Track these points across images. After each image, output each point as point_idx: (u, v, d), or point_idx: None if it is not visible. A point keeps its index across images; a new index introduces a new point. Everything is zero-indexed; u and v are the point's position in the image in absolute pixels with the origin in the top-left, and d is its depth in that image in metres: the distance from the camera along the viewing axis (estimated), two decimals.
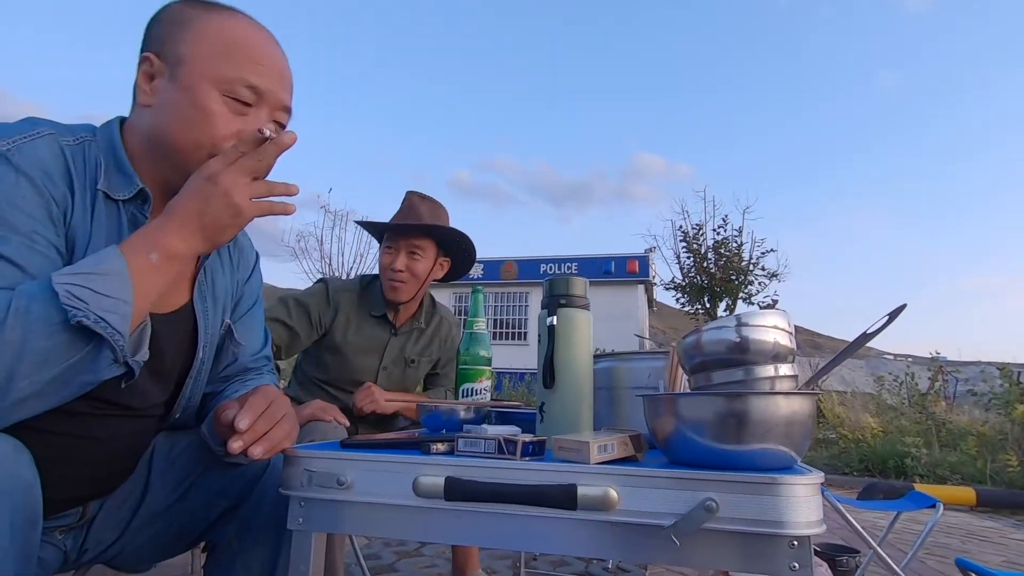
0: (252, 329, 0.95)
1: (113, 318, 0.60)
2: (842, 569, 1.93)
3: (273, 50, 0.78)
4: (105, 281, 0.60)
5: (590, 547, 0.65)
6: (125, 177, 0.73)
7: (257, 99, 0.75)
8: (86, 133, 0.73)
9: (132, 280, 0.62)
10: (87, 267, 0.61)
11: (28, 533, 0.60)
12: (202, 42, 0.73)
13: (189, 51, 0.72)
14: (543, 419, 0.90)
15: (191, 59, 0.72)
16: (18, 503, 0.59)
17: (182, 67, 0.72)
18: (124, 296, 0.61)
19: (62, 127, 0.72)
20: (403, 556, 2.33)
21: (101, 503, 0.83)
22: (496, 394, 2.44)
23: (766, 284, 10.77)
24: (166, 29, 0.74)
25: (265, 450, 0.71)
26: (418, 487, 0.68)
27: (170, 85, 0.72)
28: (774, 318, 0.74)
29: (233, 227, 0.68)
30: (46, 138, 0.68)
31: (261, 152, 0.68)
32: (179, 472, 0.88)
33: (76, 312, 0.57)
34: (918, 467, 4.69)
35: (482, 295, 1.24)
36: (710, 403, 0.66)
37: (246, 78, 0.73)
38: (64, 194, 0.67)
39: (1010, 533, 3.34)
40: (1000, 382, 5.33)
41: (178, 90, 0.72)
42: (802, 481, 0.59)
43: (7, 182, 0.63)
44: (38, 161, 0.66)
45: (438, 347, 1.73)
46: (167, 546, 0.91)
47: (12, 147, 0.65)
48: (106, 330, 0.59)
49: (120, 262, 0.62)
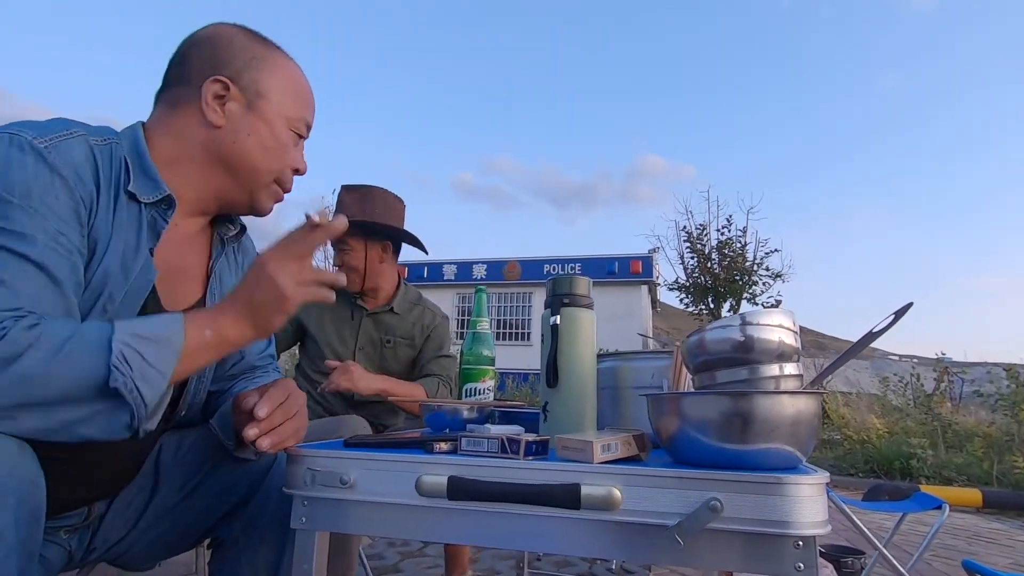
0: None
1: (147, 390, 0.62)
2: (847, 570, 1.92)
3: (313, 94, 0.90)
4: (157, 350, 0.63)
5: (593, 547, 0.64)
6: (151, 181, 0.75)
7: (307, 133, 0.88)
8: (110, 135, 0.75)
9: (182, 355, 0.65)
10: (148, 330, 0.64)
11: (31, 529, 0.61)
12: (279, 83, 0.83)
13: (269, 89, 0.81)
14: (546, 418, 0.89)
15: (271, 96, 0.81)
16: (23, 497, 0.59)
17: (263, 101, 0.81)
18: (167, 370, 0.64)
19: (90, 128, 0.73)
20: (407, 556, 2.33)
21: (109, 503, 0.84)
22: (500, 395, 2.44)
23: (770, 284, 10.73)
24: (240, 59, 0.80)
25: (272, 443, 0.72)
26: (421, 486, 0.68)
27: (249, 114, 0.80)
28: (779, 317, 0.74)
29: (280, 312, 0.70)
30: (78, 138, 0.69)
31: (310, 238, 0.71)
32: (187, 469, 0.89)
33: (118, 376, 0.60)
34: (924, 468, 4.66)
35: (485, 295, 1.24)
36: (714, 402, 0.66)
37: (306, 118, 0.86)
38: (91, 194, 0.69)
39: (1017, 535, 3.32)
40: (1007, 383, 5.30)
41: (259, 121, 0.81)
42: (807, 481, 0.58)
43: (43, 180, 0.64)
44: (71, 161, 0.67)
45: (420, 333, 1.74)
46: (174, 543, 0.92)
47: (49, 145, 0.66)
48: (135, 400, 0.61)
49: (179, 335, 0.65)
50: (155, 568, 0.97)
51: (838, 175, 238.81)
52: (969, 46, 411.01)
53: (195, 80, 0.78)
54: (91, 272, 0.69)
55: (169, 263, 0.79)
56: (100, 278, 0.70)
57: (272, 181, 0.84)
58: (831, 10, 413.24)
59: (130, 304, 0.73)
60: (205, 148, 0.79)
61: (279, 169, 0.83)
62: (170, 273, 0.80)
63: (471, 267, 18.40)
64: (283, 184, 0.86)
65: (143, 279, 0.74)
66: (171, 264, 0.80)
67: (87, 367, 0.59)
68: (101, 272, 0.70)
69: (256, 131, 0.80)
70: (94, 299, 0.70)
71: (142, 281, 0.74)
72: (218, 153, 0.79)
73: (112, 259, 0.71)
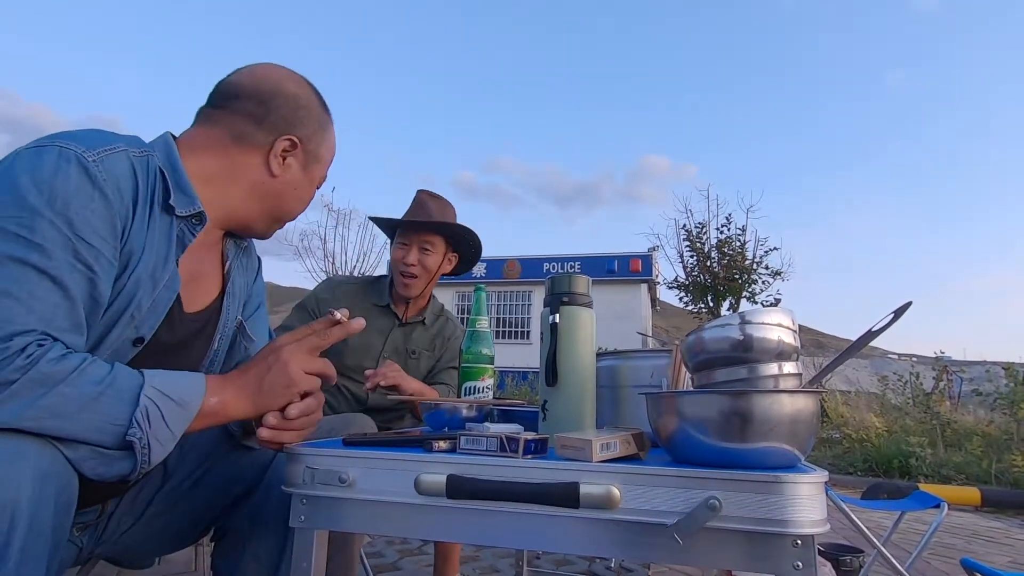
0: (260, 327, 0.99)
1: (157, 448, 0.65)
2: (846, 569, 1.92)
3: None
4: (175, 412, 0.66)
5: (592, 546, 0.64)
6: (186, 197, 0.78)
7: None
8: (145, 147, 0.77)
9: (194, 419, 0.68)
10: (173, 389, 0.67)
11: (64, 519, 0.63)
12: (328, 151, 0.93)
13: (321, 155, 0.91)
14: (546, 417, 0.89)
15: (321, 162, 0.92)
16: (61, 488, 0.61)
17: (316, 165, 0.91)
18: (178, 432, 0.67)
19: (128, 139, 0.75)
20: (406, 554, 2.33)
21: (120, 499, 0.86)
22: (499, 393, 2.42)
23: (770, 283, 10.72)
24: (310, 125, 0.88)
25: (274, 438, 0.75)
26: (420, 485, 0.68)
27: (303, 174, 0.89)
28: (778, 316, 0.74)
29: (285, 396, 0.74)
30: (121, 153, 0.71)
31: (328, 333, 0.77)
32: (195, 458, 0.91)
33: (136, 431, 0.63)
34: (923, 467, 4.67)
35: (484, 293, 1.24)
36: (714, 401, 0.66)
37: (325, 177, 0.95)
38: (128, 209, 0.71)
39: (1015, 533, 3.32)
40: (1005, 382, 5.31)
41: (307, 181, 0.90)
42: (806, 480, 0.58)
43: (84, 195, 0.66)
44: (114, 176, 0.69)
45: (441, 345, 1.74)
46: (179, 535, 0.93)
47: (97, 159, 0.68)
48: (143, 456, 0.64)
49: (198, 401, 0.69)
50: (155, 566, 0.97)
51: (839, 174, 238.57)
52: (972, 47, 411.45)
53: (269, 130, 0.84)
54: (123, 282, 0.71)
55: (190, 270, 0.82)
56: (132, 287, 0.72)
57: (287, 220, 0.93)
58: (834, 11, 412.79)
59: (156, 312, 0.76)
60: (255, 186, 0.85)
61: (296, 215, 0.93)
62: (191, 279, 0.82)
63: None
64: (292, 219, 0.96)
65: (170, 289, 0.77)
66: (191, 270, 0.82)
67: (113, 416, 0.62)
68: (133, 282, 0.72)
69: (304, 188, 0.90)
70: (124, 307, 0.72)
71: (168, 291, 0.77)
72: (265, 194, 0.86)
73: (143, 270, 0.73)
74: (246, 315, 0.97)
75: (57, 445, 0.61)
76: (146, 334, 0.75)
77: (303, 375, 0.74)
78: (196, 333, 0.85)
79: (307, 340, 0.76)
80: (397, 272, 1.61)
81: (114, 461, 0.64)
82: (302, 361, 0.75)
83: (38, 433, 0.59)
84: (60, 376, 0.60)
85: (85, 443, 0.62)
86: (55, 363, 0.60)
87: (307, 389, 0.75)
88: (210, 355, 0.88)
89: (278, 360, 0.74)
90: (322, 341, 0.76)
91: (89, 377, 0.62)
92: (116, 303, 0.71)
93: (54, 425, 0.59)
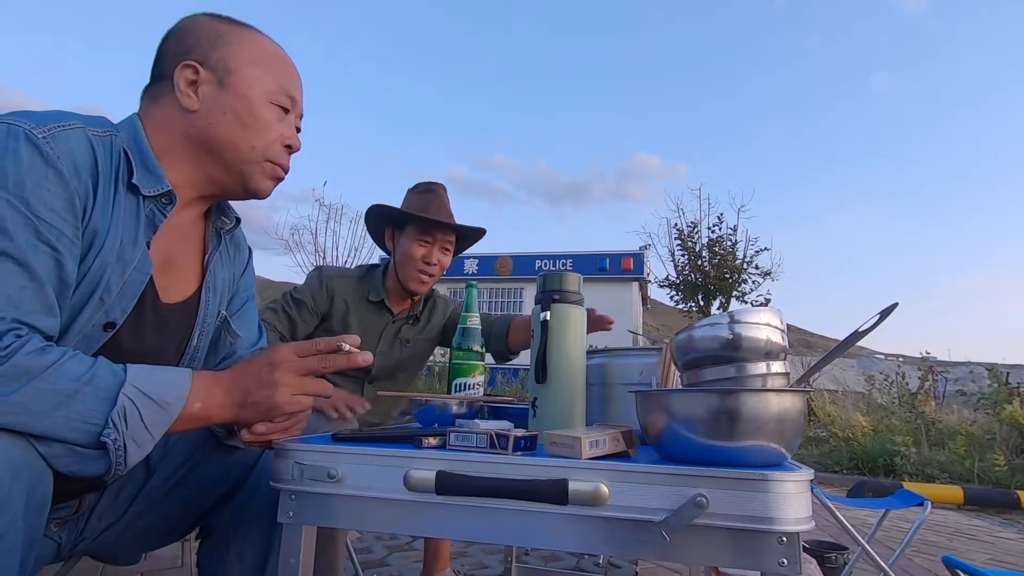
0: (248, 322, 0.97)
1: (134, 450, 0.63)
2: (831, 566, 1.95)
3: (295, 66, 0.88)
4: (156, 413, 0.64)
5: (580, 542, 0.65)
6: (152, 176, 0.75)
7: (292, 106, 0.85)
8: (109, 127, 0.75)
9: (174, 422, 0.66)
10: (157, 390, 0.65)
11: (38, 516, 0.61)
12: (249, 55, 0.81)
13: (238, 63, 0.80)
14: (536, 414, 0.90)
15: (241, 70, 0.80)
16: (34, 484, 0.60)
17: (233, 77, 0.79)
18: (158, 434, 0.65)
19: (88, 119, 0.73)
20: (395, 550, 2.33)
21: (100, 494, 0.84)
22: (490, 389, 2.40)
23: (760, 283, 10.80)
24: (206, 41, 0.79)
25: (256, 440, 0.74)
26: (409, 481, 0.68)
27: (221, 92, 0.79)
28: (767, 315, 0.74)
29: (265, 415, 0.73)
30: (76, 130, 0.69)
31: (330, 360, 0.73)
32: (177, 457, 0.89)
33: (111, 432, 0.61)
34: (907, 466, 4.73)
35: (476, 290, 1.24)
36: (702, 399, 0.66)
37: (286, 88, 0.84)
38: (87, 187, 0.69)
39: (997, 531, 3.38)
40: (988, 382, 5.39)
41: (232, 97, 0.79)
42: (792, 478, 0.59)
43: (37, 172, 0.64)
44: (68, 152, 0.67)
45: (439, 320, 1.74)
46: (163, 533, 0.92)
47: (47, 135, 0.65)
48: (118, 458, 0.63)
49: (181, 403, 0.66)
50: (141, 561, 0.96)
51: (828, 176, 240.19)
52: (959, 49, 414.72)
53: (169, 71, 0.78)
54: (88, 264, 0.69)
55: (165, 255, 0.79)
56: (97, 270, 0.70)
57: (262, 159, 0.82)
58: (824, 13, 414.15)
59: (127, 296, 0.74)
60: (186, 135, 0.78)
61: (264, 145, 0.81)
62: (167, 266, 0.80)
63: (462, 262, 18.36)
64: (275, 160, 0.83)
65: (141, 271, 0.74)
66: (167, 256, 0.80)
67: (88, 415, 0.60)
68: (99, 264, 0.70)
69: (231, 107, 0.78)
70: (92, 290, 0.70)
71: (139, 274, 0.74)
72: (199, 138, 0.78)
73: (109, 251, 0.71)
74: (232, 310, 0.94)
75: (30, 440, 0.59)
76: (117, 319, 0.73)
77: (291, 399, 0.72)
78: (174, 326, 0.83)
79: (306, 362, 0.72)
80: (414, 268, 1.58)
81: (88, 460, 0.62)
82: (295, 385, 0.72)
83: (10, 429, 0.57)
84: (36, 371, 0.58)
85: (59, 441, 0.60)
86: (33, 356, 0.58)
87: (292, 411, 0.73)
88: (189, 352, 0.86)
89: (270, 380, 0.71)
90: (322, 366, 0.73)
91: (67, 373, 0.60)
92: (83, 286, 0.69)
93: (26, 422, 0.58)
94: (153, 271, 0.76)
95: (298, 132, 0.88)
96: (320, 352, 0.73)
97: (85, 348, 0.70)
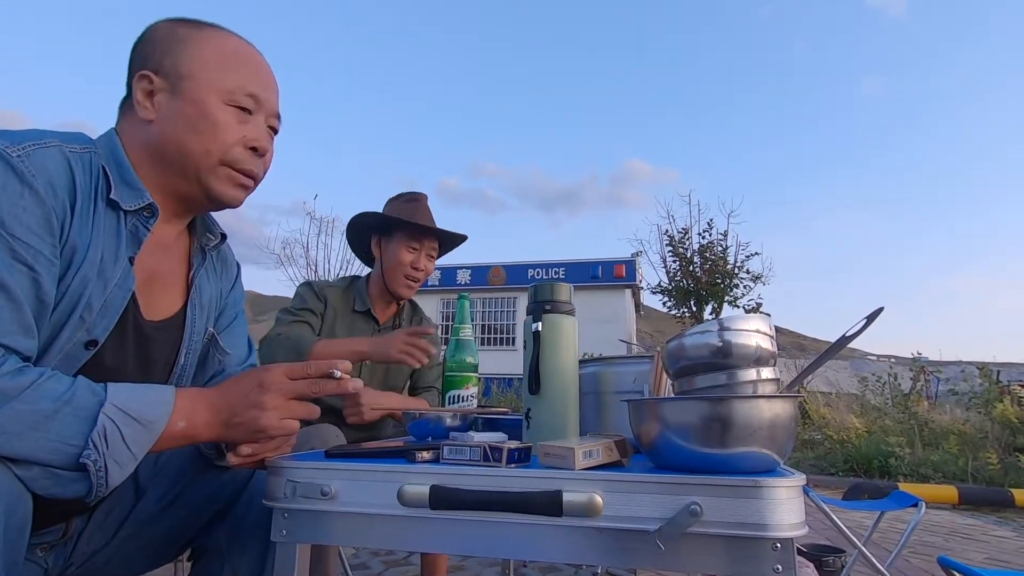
0: (237, 338, 0.96)
1: (115, 470, 0.62)
2: (828, 569, 1.95)
3: (263, 60, 0.84)
4: (138, 433, 0.63)
5: (576, 554, 0.65)
6: (132, 190, 0.74)
7: (256, 106, 0.80)
8: (87, 143, 0.74)
9: (156, 441, 0.65)
10: (137, 408, 0.63)
11: (16, 540, 0.60)
12: (202, 57, 0.77)
13: (190, 67, 0.76)
14: (529, 425, 0.90)
15: (193, 74, 0.76)
16: (10, 508, 0.59)
17: (185, 82, 0.76)
18: (140, 454, 0.64)
19: (65, 135, 0.72)
20: (391, 565, 2.31)
21: (88, 517, 0.82)
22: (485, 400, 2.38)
23: (751, 287, 10.86)
24: (161, 48, 0.77)
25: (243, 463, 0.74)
26: (403, 496, 0.68)
27: (174, 99, 0.76)
28: (756, 322, 0.75)
29: (251, 437, 0.72)
30: (53, 148, 0.68)
31: (319, 385, 0.72)
32: (168, 478, 0.87)
33: (91, 453, 0.60)
34: (902, 466, 4.75)
35: (468, 302, 1.24)
36: (693, 407, 0.66)
37: (246, 87, 0.79)
38: (65, 205, 0.68)
39: (991, 530, 3.39)
40: (980, 381, 5.44)
41: (184, 103, 0.76)
42: (784, 484, 0.59)
43: (11, 191, 0.63)
44: (44, 170, 0.66)
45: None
46: (155, 555, 0.90)
47: (22, 154, 0.65)
48: (99, 479, 0.61)
49: (164, 421, 0.65)
50: None
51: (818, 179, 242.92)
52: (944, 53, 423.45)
53: (128, 85, 0.77)
54: (67, 282, 0.68)
55: (149, 272, 0.78)
56: (77, 287, 0.69)
57: (217, 164, 0.77)
58: (812, 19, 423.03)
59: (109, 314, 0.72)
60: (146, 147, 0.77)
61: (218, 149, 0.77)
62: (150, 282, 0.79)
63: (455, 272, 18.36)
64: (236, 165, 0.79)
65: (122, 288, 0.73)
66: (150, 273, 0.79)
67: (66, 436, 0.59)
68: (78, 281, 0.69)
69: (183, 114, 0.75)
70: (72, 308, 0.69)
71: (121, 290, 0.73)
72: (155, 148, 0.76)
73: (90, 268, 0.70)
74: (221, 327, 0.93)
75: (7, 463, 0.58)
76: (99, 336, 0.72)
77: (278, 423, 0.70)
78: (159, 345, 0.81)
79: (296, 385, 0.71)
80: (400, 274, 1.59)
81: (68, 482, 0.61)
82: (282, 408, 0.70)
83: None
84: (13, 392, 0.57)
85: (36, 463, 0.59)
86: (9, 378, 0.57)
87: (277, 434, 0.72)
88: (176, 371, 0.85)
89: (258, 402, 0.69)
90: (311, 390, 0.71)
91: (45, 393, 0.59)
92: (63, 304, 0.68)
93: (2, 444, 0.57)
94: (136, 288, 0.75)
95: (275, 132, 0.85)
96: (311, 376, 0.72)
97: (66, 367, 0.69)
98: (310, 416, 0.74)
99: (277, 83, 0.85)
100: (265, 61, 0.84)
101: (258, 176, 0.83)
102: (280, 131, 0.86)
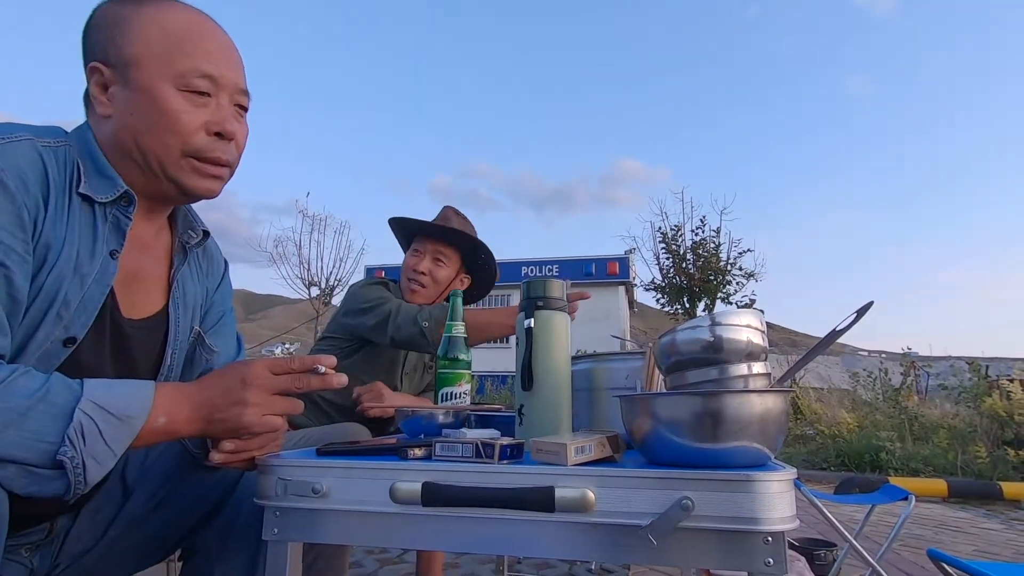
0: (225, 337, 0.95)
1: (93, 467, 0.60)
2: (820, 563, 1.97)
3: (218, 34, 0.76)
4: (116, 429, 0.61)
5: (569, 549, 0.65)
6: (107, 180, 0.72)
7: (214, 87, 0.74)
8: (61, 137, 0.72)
9: (136, 437, 0.63)
10: (115, 404, 0.62)
11: None
12: (145, 39, 0.71)
13: (134, 51, 0.71)
14: (522, 421, 0.89)
15: (138, 60, 0.71)
16: None
17: (132, 70, 0.71)
18: (119, 450, 0.62)
19: (39, 130, 0.70)
20: (386, 563, 2.31)
21: (74, 516, 0.81)
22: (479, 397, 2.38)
23: (744, 284, 10.91)
24: (105, 34, 0.72)
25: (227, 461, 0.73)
26: (395, 493, 0.67)
27: (125, 91, 0.71)
28: (747, 317, 0.75)
29: (233, 434, 0.70)
30: (24, 142, 0.67)
31: (304, 380, 0.70)
32: (156, 478, 0.86)
33: (67, 450, 0.58)
34: (892, 460, 4.80)
35: (460, 299, 1.24)
36: (685, 402, 0.67)
37: (199, 67, 0.72)
38: (37, 200, 0.66)
39: (980, 523, 3.44)
40: (969, 376, 5.50)
41: (135, 94, 0.71)
42: (775, 478, 0.59)
43: None
44: (15, 165, 0.64)
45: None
46: (145, 555, 0.89)
47: None
48: (77, 477, 0.60)
49: (144, 416, 0.63)
50: None
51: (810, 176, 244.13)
52: (933, 49, 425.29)
53: (86, 79, 0.74)
54: (42, 279, 0.67)
55: (129, 269, 0.76)
56: (53, 284, 0.67)
57: (181, 156, 0.73)
58: (799, 18, 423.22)
59: (87, 310, 0.71)
60: (110, 143, 0.73)
61: (178, 141, 0.72)
62: (130, 280, 0.77)
63: None
64: (201, 155, 0.74)
65: (100, 283, 0.72)
66: (131, 270, 0.77)
67: (41, 432, 0.58)
68: (54, 278, 0.67)
69: (136, 105, 0.70)
70: (48, 305, 0.67)
71: (99, 286, 0.72)
72: (118, 145, 0.73)
73: (66, 264, 0.68)
74: (207, 325, 0.91)
75: None
76: (78, 333, 0.70)
77: (260, 420, 0.69)
78: (140, 343, 0.79)
79: (280, 381, 0.70)
80: (405, 277, 1.59)
81: (45, 480, 0.59)
82: (265, 404, 0.69)
83: None
84: None
85: (12, 462, 0.57)
86: None
87: (259, 431, 0.70)
88: (164, 370, 0.83)
89: (241, 399, 0.68)
90: (295, 386, 0.70)
91: (18, 390, 0.58)
92: (38, 302, 0.66)
93: None
94: (114, 284, 0.73)
95: (244, 111, 0.79)
96: (294, 372, 0.70)
97: (44, 365, 0.67)
98: (293, 411, 0.72)
99: (239, 55, 0.79)
100: (220, 32, 0.77)
101: (230, 162, 0.78)
102: (250, 107, 0.80)
